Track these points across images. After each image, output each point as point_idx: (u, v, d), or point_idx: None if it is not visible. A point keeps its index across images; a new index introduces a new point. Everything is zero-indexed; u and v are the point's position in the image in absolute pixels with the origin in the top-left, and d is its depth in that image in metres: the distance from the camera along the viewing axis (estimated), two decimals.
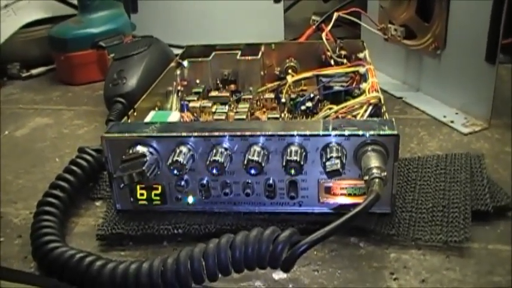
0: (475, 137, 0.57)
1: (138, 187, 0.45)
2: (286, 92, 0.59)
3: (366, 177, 0.38)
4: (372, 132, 0.40)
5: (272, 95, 0.60)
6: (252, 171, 0.41)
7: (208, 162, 0.41)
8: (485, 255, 0.40)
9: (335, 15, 0.65)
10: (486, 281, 0.37)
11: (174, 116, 0.51)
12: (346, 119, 0.48)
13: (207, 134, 0.42)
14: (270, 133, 0.41)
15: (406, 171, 0.49)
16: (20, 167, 0.57)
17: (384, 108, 0.47)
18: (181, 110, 0.57)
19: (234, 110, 0.57)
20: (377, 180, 0.37)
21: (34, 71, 0.88)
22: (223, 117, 0.55)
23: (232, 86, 0.64)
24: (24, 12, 0.87)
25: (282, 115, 0.56)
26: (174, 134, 0.43)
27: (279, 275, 0.38)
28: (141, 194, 0.45)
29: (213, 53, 0.65)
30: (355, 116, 0.49)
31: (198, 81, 0.64)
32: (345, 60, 0.61)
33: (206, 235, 0.42)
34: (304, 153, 0.41)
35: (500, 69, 0.57)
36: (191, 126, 0.44)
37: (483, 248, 0.40)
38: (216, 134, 0.42)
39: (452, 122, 0.61)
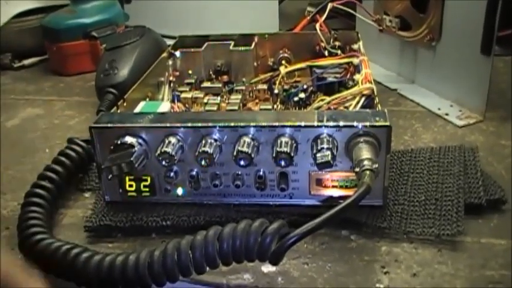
0: (470, 129, 0.57)
1: (127, 178, 0.44)
2: (279, 83, 0.58)
3: (357, 169, 0.38)
4: (363, 124, 0.40)
5: (265, 86, 0.59)
6: (242, 163, 0.41)
7: (197, 153, 0.41)
8: (478, 249, 0.39)
9: (329, 5, 0.64)
10: (478, 275, 0.37)
11: (164, 107, 0.50)
12: (338, 110, 0.48)
13: (196, 124, 0.41)
14: (260, 124, 0.41)
15: (399, 163, 0.48)
16: (9, 157, 0.57)
17: (376, 100, 0.47)
18: (173, 101, 0.56)
19: (226, 101, 0.56)
20: (368, 172, 0.37)
21: (26, 61, 0.87)
22: (215, 108, 0.54)
23: (225, 77, 0.63)
24: (16, 2, 0.86)
25: (275, 106, 0.56)
26: (163, 124, 0.42)
27: (268, 268, 0.38)
28: (130, 186, 0.45)
29: (206, 44, 0.64)
30: (347, 107, 0.48)
31: (190, 71, 0.63)
32: (339, 51, 0.61)
33: (195, 227, 0.42)
34: (294, 145, 0.41)
35: (495, 61, 0.56)
36: (180, 117, 0.44)
37: (476, 242, 0.40)
38: (205, 124, 0.41)
39: (447, 114, 0.60)
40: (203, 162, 0.41)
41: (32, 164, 0.55)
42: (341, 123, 0.40)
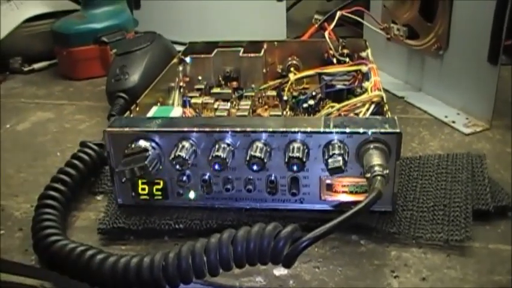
0: (476, 137, 0.57)
1: (139, 182, 0.45)
2: (288, 90, 0.59)
3: (368, 175, 0.38)
4: (374, 130, 0.40)
5: (274, 93, 0.60)
6: (254, 167, 0.41)
7: (210, 158, 0.42)
8: (486, 254, 0.40)
9: (338, 14, 0.65)
10: (486, 280, 0.37)
11: (176, 112, 0.51)
12: (348, 116, 0.48)
13: (209, 129, 0.42)
14: (273, 130, 0.41)
15: (408, 170, 0.49)
16: (21, 160, 0.57)
17: (386, 107, 0.47)
18: (183, 106, 0.57)
19: (236, 107, 0.57)
20: (379, 178, 0.37)
21: (36, 66, 0.88)
22: (225, 113, 0.55)
23: (235, 83, 0.64)
24: (27, 7, 0.87)
25: (284, 113, 0.56)
26: (177, 128, 0.43)
27: (279, 271, 0.39)
28: (143, 189, 0.45)
29: (216, 50, 0.65)
30: (357, 114, 0.49)
31: (200, 77, 0.64)
32: (347, 59, 0.61)
33: (207, 231, 0.42)
34: (306, 150, 0.41)
35: (502, 70, 0.57)
36: (194, 122, 0.45)
37: (484, 247, 0.40)
38: (219, 129, 0.42)
39: (453, 122, 0.61)
40: (216, 167, 0.41)
41: (44, 167, 0.55)
42: (352, 130, 0.41)
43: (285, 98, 0.58)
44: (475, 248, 0.40)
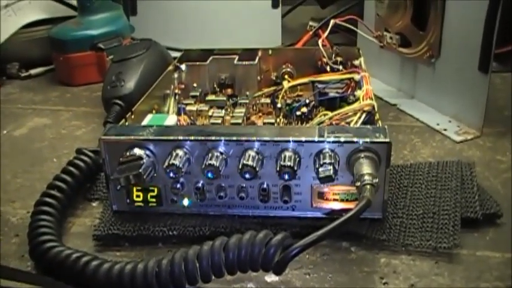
0: (467, 145, 0.58)
1: (134, 189, 0.46)
2: (282, 97, 0.60)
3: (358, 184, 0.39)
4: (364, 140, 0.41)
5: (268, 100, 0.60)
6: (247, 176, 0.42)
7: (204, 166, 0.42)
8: (474, 261, 0.40)
9: (332, 22, 0.66)
10: (474, 286, 0.38)
11: (170, 120, 0.51)
12: (340, 125, 0.49)
13: (203, 138, 0.43)
14: (264, 139, 0.42)
15: (398, 177, 0.49)
16: (18, 166, 0.58)
17: (377, 116, 0.48)
18: (178, 114, 0.57)
19: (230, 114, 0.57)
20: (368, 186, 0.38)
21: (33, 71, 0.88)
22: (220, 121, 0.55)
23: (229, 90, 0.65)
24: (25, 13, 0.87)
25: (278, 120, 0.57)
26: (171, 137, 0.43)
27: (271, 277, 0.39)
28: (137, 196, 0.46)
29: (211, 57, 0.66)
30: (348, 123, 0.49)
31: (195, 84, 0.65)
32: (340, 67, 0.62)
33: (200, 237, 0.43)
34: (298, 159, 0.42)
35: (493, 77, 0.58)
36: (188, 130, 0.45)
37: (472, 255, 0.41)
38: (212, 138, 0.43)
39: (445, 129, 0.61)
40: (210, 175, 0.42)
41: (40, 173, 0.56)
42: (343, 139, 0.41)
43: (279, 105, 0.59)
44: (463, 255, 0.41)
